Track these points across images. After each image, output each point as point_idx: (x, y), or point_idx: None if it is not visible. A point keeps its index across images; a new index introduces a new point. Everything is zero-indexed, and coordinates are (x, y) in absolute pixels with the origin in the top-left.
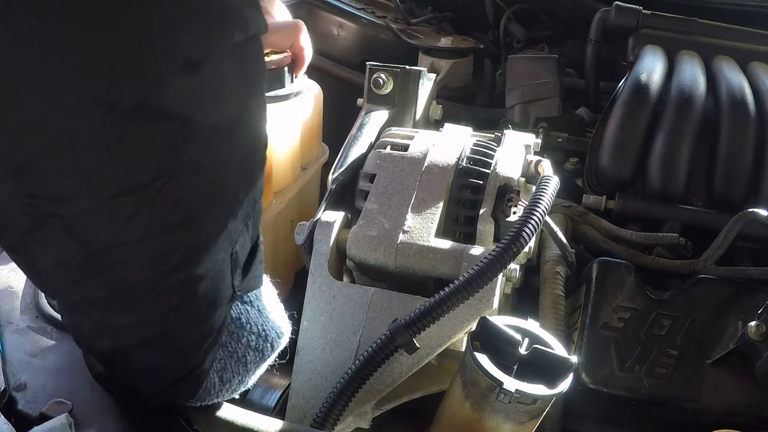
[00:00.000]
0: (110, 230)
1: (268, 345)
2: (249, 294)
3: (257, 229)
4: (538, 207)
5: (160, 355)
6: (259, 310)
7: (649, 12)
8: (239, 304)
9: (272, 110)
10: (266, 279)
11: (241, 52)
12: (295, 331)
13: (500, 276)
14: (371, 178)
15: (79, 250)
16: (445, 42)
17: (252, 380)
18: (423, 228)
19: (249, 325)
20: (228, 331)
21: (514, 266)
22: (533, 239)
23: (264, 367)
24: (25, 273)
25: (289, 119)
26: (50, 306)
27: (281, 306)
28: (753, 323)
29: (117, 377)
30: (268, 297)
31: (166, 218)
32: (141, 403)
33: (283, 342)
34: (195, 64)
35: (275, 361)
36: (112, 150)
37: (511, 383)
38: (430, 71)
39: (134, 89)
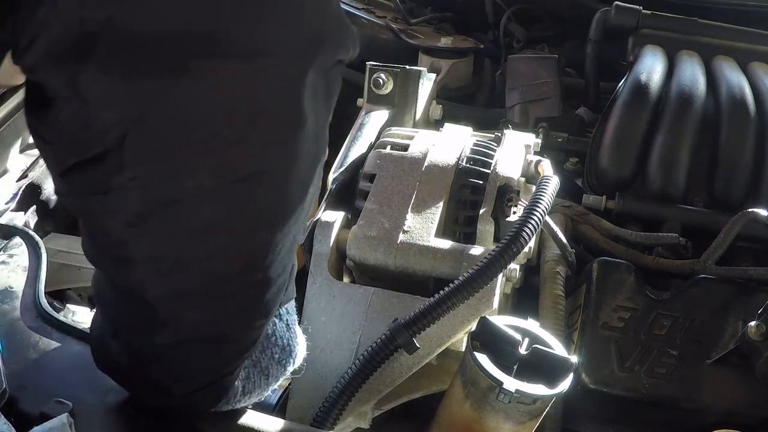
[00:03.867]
0: (215, 217)
1: (291, 359)
2: (280, 308)
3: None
4: (538, 207)
5: (207, 356)
6: (287, 324)
7: (649, 12)
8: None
9: None
10: None
11: (337, 70)
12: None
13: (500, 276)
14: (371, 178)
15: (179, 242)
16: (445, 42)
17: (269, 392)
18: (423, 228)
19: (275, 338)
20: (259, 344)
21: (514, 266)
22: (533, 239)
23: (282, 380)
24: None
25: None
26: (50, 306)
27: (296, 319)
28: (753, 323)
29: (150, 374)
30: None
31: (262, 211)
32: (163, 404)
33: (301, 357)
34: (321, 68)
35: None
36: (238, 137)
37: (511, 383)
38: (430, 71)
39: (271, 79)
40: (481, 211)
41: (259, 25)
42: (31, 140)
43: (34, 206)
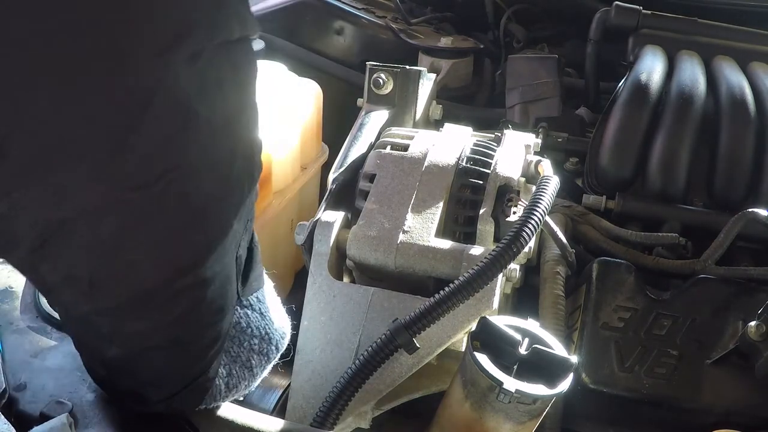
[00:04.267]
0: (119, 231)
1: (272, 347)
2: (249, 297)
3: (252, 229)
4: (538, 207)
5: (169, 361)
6: (261, 313)
7: (649, 12)
8: (239, 308)
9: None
10: (264, 273)
11: (234, 51)
12: (295, 331)
13: (500, 276)
14: (371, 178)
15: (88, 261)
16: (445, 42)
17: (257, 382)
18: (423, 228)
19: (251, 329)
20: (229, 336)
21: (514, 266)
22: (533, 239)
23: (269, 368)
24: (35, 286)
25: (289, 119)
26: (50, 306)
27: (279, 301)
28: (753, 323)
29: (123, 383)
30: (268, 295)
31: (174, 216)
32: (146, 410)
33: (286, 341)
34: (196, 56)
35: (278, 361)
36: (118, 145)
37: (511, 383)
38: (430, 71)
39: (142, 79)
40: (481, 211)
41: (112, 30)
42: None
43: None
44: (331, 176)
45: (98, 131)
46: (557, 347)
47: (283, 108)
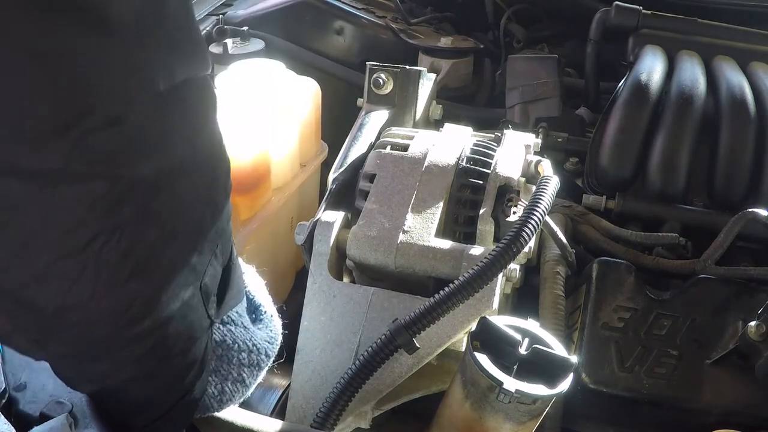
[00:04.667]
0: (57, 295)
1: (262, 357)
2: (230, 314)
3: (228, 249)
4: (538, 207)
5: (145, 391)
6: (244, 327)
7: (649, 12)
8: (221, 326)
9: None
10: (251, 270)
11: (173, 98)
12: (293, 331)
13: (500, 276)
14: (371, 178)
15: (32, 317)
16: (445, 42)
17: (252, 388)
18: (423, 228)
19: (237, 345)
20: (216, 355)
21: (514, 266)
22: (533, 239)
23: (263, 374)
24: None
25: (287, 116)
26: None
27: (270, 300)
28: (753, 323)
29: (108, 410)
30: (258, 293)
31: (114, 273)
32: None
33: (276, 346)
34: (114, 120)
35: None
36: (40, 217)
37: (511, 383)
38: (430, 71)
39: (53, 155)
40: (481, 211)
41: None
42: None
43: None
44: (331, 176)
45: (15, 204)
46: (557, 347)
47: (282, 105)
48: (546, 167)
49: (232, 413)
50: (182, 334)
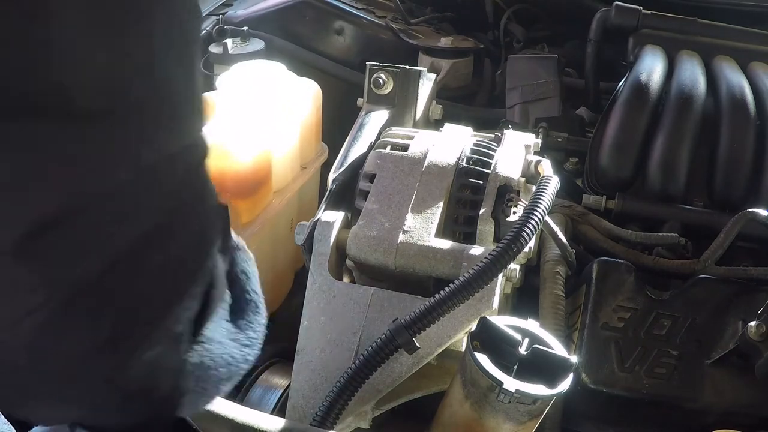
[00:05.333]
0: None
1: (241, 366)
2: (207, 331)
3: (211, 278)
4: (538, 207)
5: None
6: (219, 342)
7: (649, 12)
8: (197, 347)
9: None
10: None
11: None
12: (296, 331)
13: (500, 276)
14: (371, 178)
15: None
16: (445, 42)
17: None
18: (423, 228)
19: (214, 363)
20: (194, 377)
21: (514, 266)
22: (533, 239)
23: (248, 365)
24: None
25: (288, 118)
26: None
27: (258, 289)
28: (753, 323)
29: None
30: (249, 281)
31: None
32: None
33: (256, 349)
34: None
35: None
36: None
37: (511, 383)
38: (430, 71)
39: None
40: (481, 211)
41: None
42: None
43: None
44: (331, 176)
45: None
46: (557, 347)
47: (283, 107)
48: (546, 167)
49: (232, 411)
50: (159, 383)
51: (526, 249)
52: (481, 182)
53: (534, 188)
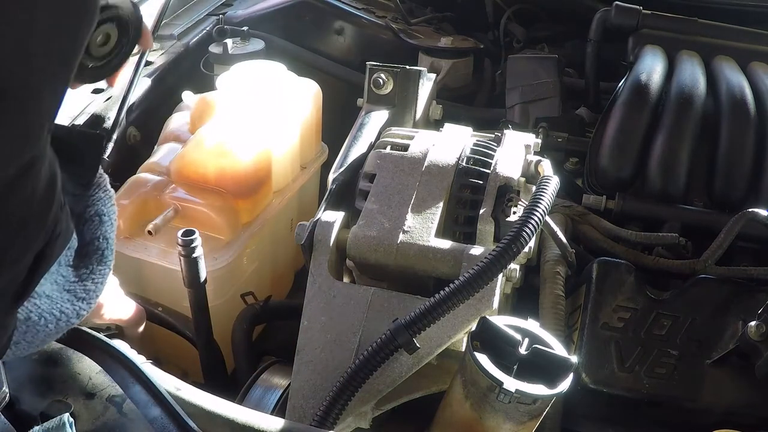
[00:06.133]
0: None
1: (73, 320)
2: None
3: (48, 236)
4: (538, 207)
5: None
6: (49, 297)
7: (649, 12)
8: (25, 304)
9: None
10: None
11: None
12: (295, 331)
13: (500, 276)
14: (371, 178)
15: None
16: (445, 42)
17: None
18: (423, 228)
19: (43, 319)
20: (20, 332)
21: (514, 266)
22: (533, 239)
23: (96, 300)
24: None
25: (288, 118)
26: None
27: (111, 229)
28: (753, 323)
29: None
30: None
31: None
32: None
33: (96, 299)
34: None
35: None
36: None
37: (511, 383)
38: (430, 71)
39: None
40: (481, 211)
41: None
42: None
43: None
44: (331, 176)
45: None
46: (557, 347)
47: (283, 107)
48: (546, 167)
49: (232, 411)
50: None
51: (526, 249)
52: (481, 182)
53: (534, 188)
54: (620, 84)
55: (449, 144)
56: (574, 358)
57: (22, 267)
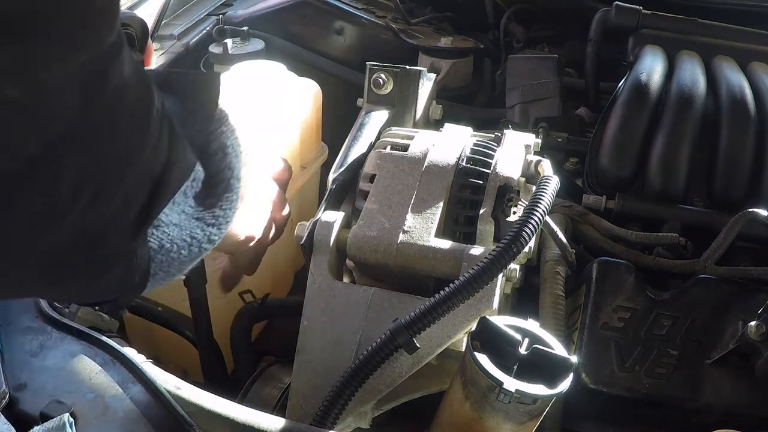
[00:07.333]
0: None
1: (205, 245)
2: (158, 218)
3: (161, 168)
4: (538, 207)
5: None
6: (177, 225)
7: (649, 12)
8: (154, 231)
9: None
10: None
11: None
12: (295, 331)
13: (500, 276)
14: (371, 178)
15: None
16: (445, 42)
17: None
18: (423, 228)
19: (175, 245)
20: (156, 262)
21: (514, 266)
22: (533, 239)
23: (219, 238)
24: None
25: (288, 118)
26: (50, 305)
27: (237, 159)
28: (753, 323)
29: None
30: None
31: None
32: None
33: (229, 222)
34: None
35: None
36: None
37: (511, 383)
38: (430, 71)
39: None
40: (481, 211)
41: None
42: None
43: None
44: (331, 176)
45: None
46: (557, 347)
47: (283, 107)
48: (546, 167)
49: (232, 410)
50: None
51: (526, 249)
52: (481, 182)
53: (534, 188)
54: (620, 84)
55: (449, 144)
56: (574, 358)
57: (135, 188)
